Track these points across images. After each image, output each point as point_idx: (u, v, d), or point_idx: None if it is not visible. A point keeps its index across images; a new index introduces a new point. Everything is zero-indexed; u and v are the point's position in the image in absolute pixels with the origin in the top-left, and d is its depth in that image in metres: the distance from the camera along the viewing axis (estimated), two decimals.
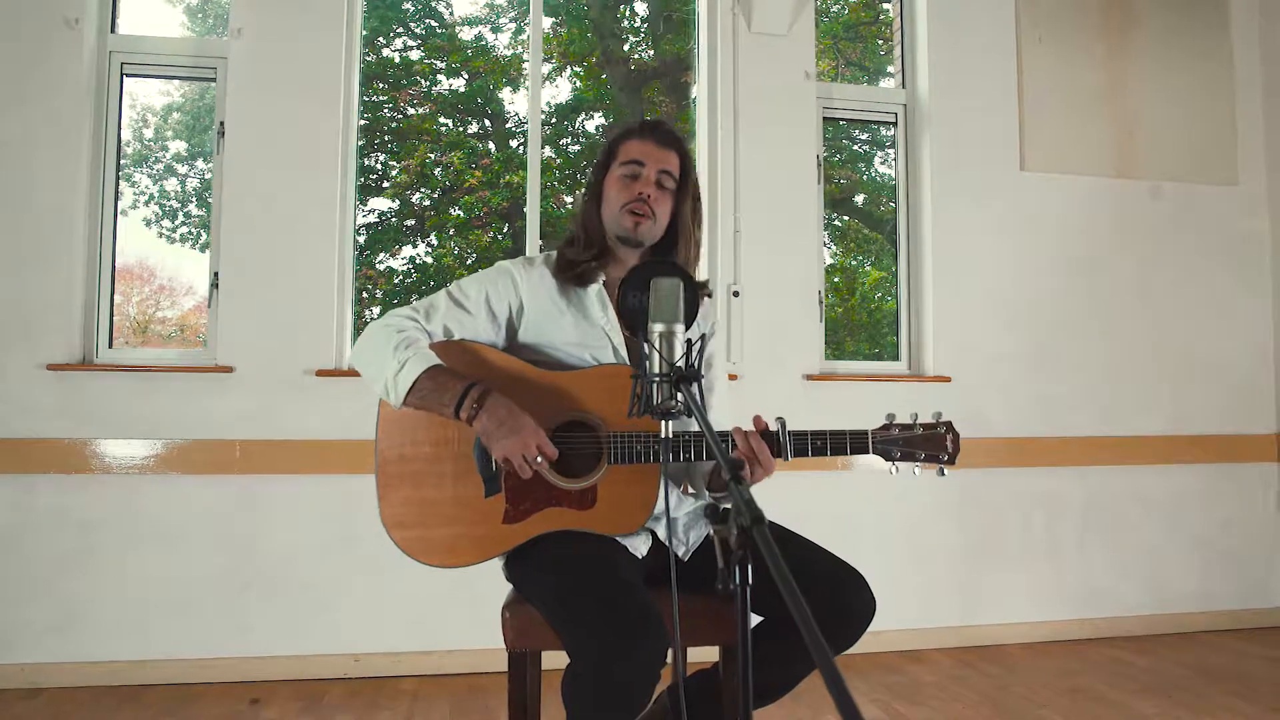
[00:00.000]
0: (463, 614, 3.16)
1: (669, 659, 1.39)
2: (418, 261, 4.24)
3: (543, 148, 3.77)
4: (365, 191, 4.04)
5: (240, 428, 3.24)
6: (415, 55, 4.26)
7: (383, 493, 1.67)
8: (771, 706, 1.79)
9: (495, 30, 4.41)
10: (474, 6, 4.39)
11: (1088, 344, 3.87)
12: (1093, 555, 3.81)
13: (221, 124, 3.38)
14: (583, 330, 1.76)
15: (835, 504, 3.59)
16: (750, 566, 0.88)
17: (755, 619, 1.72)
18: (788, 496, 3.43)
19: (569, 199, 4.33)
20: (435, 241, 4.29)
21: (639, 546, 1.70)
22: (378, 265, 4.18)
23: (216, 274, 3.35)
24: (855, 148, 4.71)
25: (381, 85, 4.23)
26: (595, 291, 1.80)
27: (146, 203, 3.75)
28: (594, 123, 4.55)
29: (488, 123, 4.45)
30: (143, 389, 3.24)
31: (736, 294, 3.63)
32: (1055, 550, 3.78)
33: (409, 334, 1.66)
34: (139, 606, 3.15)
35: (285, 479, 3.24)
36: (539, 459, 1.56)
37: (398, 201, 4.22)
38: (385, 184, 4.19)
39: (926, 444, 1.70)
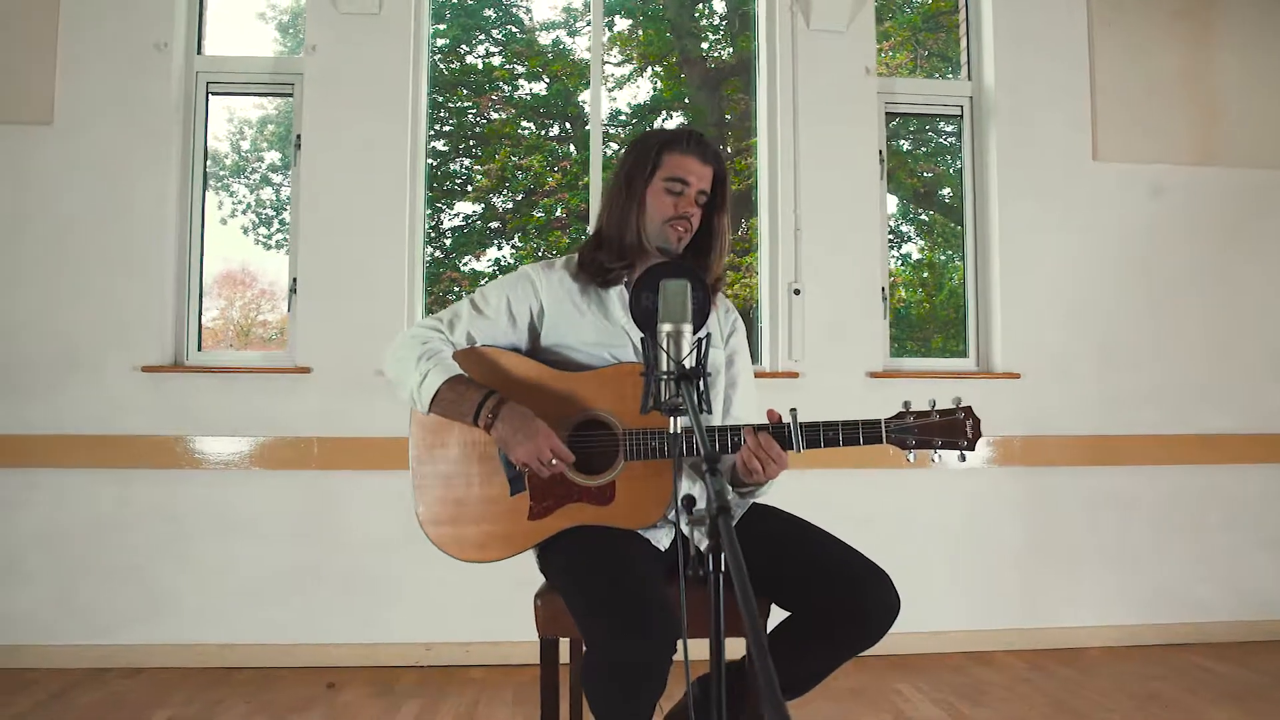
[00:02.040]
0: (529, 606, 3.24)
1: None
2: (502, 263, 4.34)
3: (604, 147, 3.84)
4: (450, 196, 4.18)
5: (317, 425, 3.41)
6: (497, 61, 4.37)
7: (418, 494, 1.76)
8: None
9: (572, 34, 4.49)
10: (551, 11, 4.47)
11: (1162, 339, 3.74)
12: (1169, 557, 3.67)
13: (299, 136, 3.55)
14: (603, 330, 1.80)
15: (897, 503, 3.57)
16: (727, 555, 0.91)
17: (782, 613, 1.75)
18: (846, 495, 3.48)
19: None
20: (519, 243, 4.40)
21: (661, 539, 1.75)
22: (462, 267, 4.30)
23: (295, 279, 3.52)
24: (941, 140, 4.64)
25: (465, 91, 4.34)
26: (617, 292, 1.85)
27: (244, 211, 3.97)
28: (673, 123, 4.58)
29: (568, 125, 4.54)
30: (228, 389, 3.43)
31: (797, 292, 3.63)
32: (1129, 551, 3.66)
33: (432, 345, 1.75)
34: (225, 594, 3.34)
35: (359, 474, 3.39)
36: (554, 461, 1.63)
37: (481, 205, 4.32)
38: (469, 188, 4.31)
39: (944, 430, 1.68)
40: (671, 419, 1.23)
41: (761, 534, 1.74)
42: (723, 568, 0.94)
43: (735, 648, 1.87)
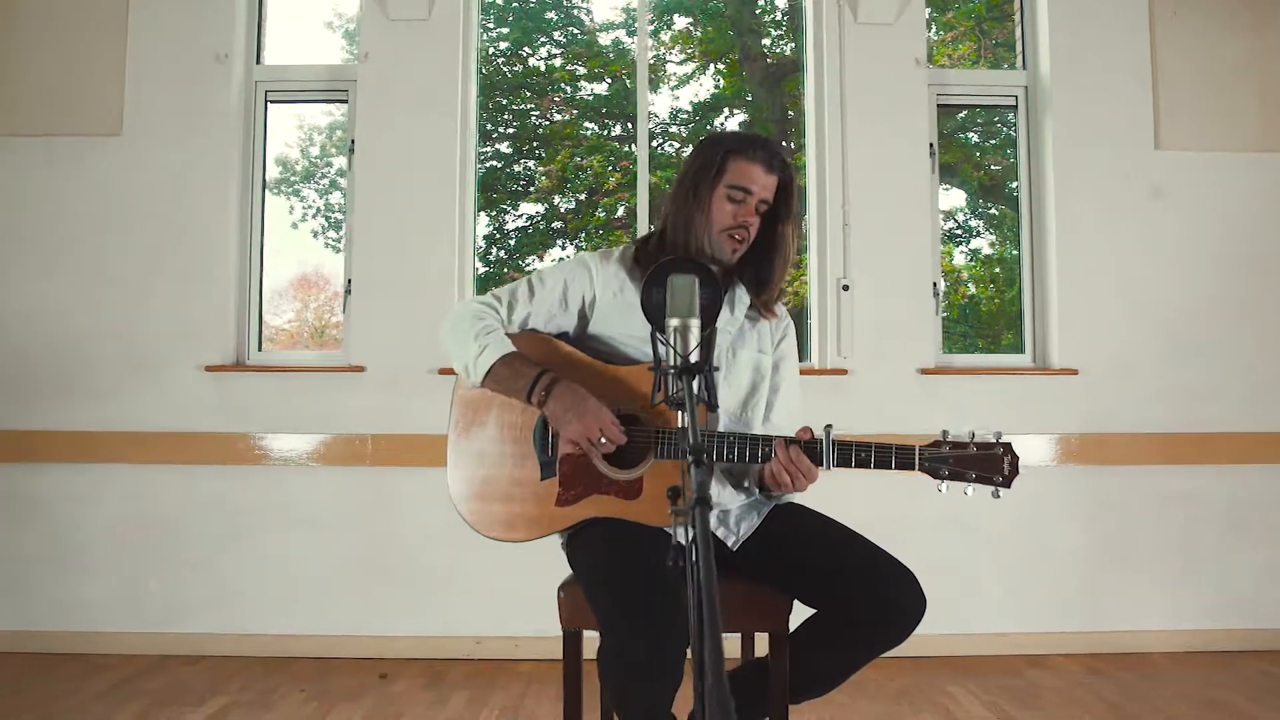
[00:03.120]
0: None
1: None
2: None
3: (657, 145, 3.85)
4: (515, 197, 4.24)
5: (371, 422, 3.49)
6: (558, 62, 4.41)
7: (452, 469, 1.80)
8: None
9: (631, 34, 4.50)
10: (611, 11, 4.49)
11: (1230, 332, 3.59)
12: (1239, 560, 3.52)
13: (353, 141, 3.65)
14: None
15: (948, 501, 3.48)
16: (698, 547, 0.90)
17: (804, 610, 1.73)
18: (894, 493, 3.41)
19: None
20: (581, 243, 4.42)
21: (685, 537, 1.74)
22: (525, 267, 4.35)
23: (349, 280, 3.62)
24: (1009, 131, 4.53)
25: (527, 94, 4.40)
26: None
27: (314, 215, 4.10)
28: (735, 120, 4.55)
29: (629, 125, 4.55)
30: (287, 387, 3.54)
31: (846, 288, 3.60)
32: (1195, 554, 3.53)
33: (488, 321, 1.77)
34: (284, 586, 3.45)
35: (412, 470, 3.45)
36: (603, 440, 1.64)
37: (544, 205, 4.37)
38: (531, 189, 4.36)
39: (980, 464, 1.63)
40: (679, 413, 1.23)
41: (788, 531, 1.74)
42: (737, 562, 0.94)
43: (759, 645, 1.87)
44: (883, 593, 1.62)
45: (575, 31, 4.49)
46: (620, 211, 4.33)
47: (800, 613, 1.75)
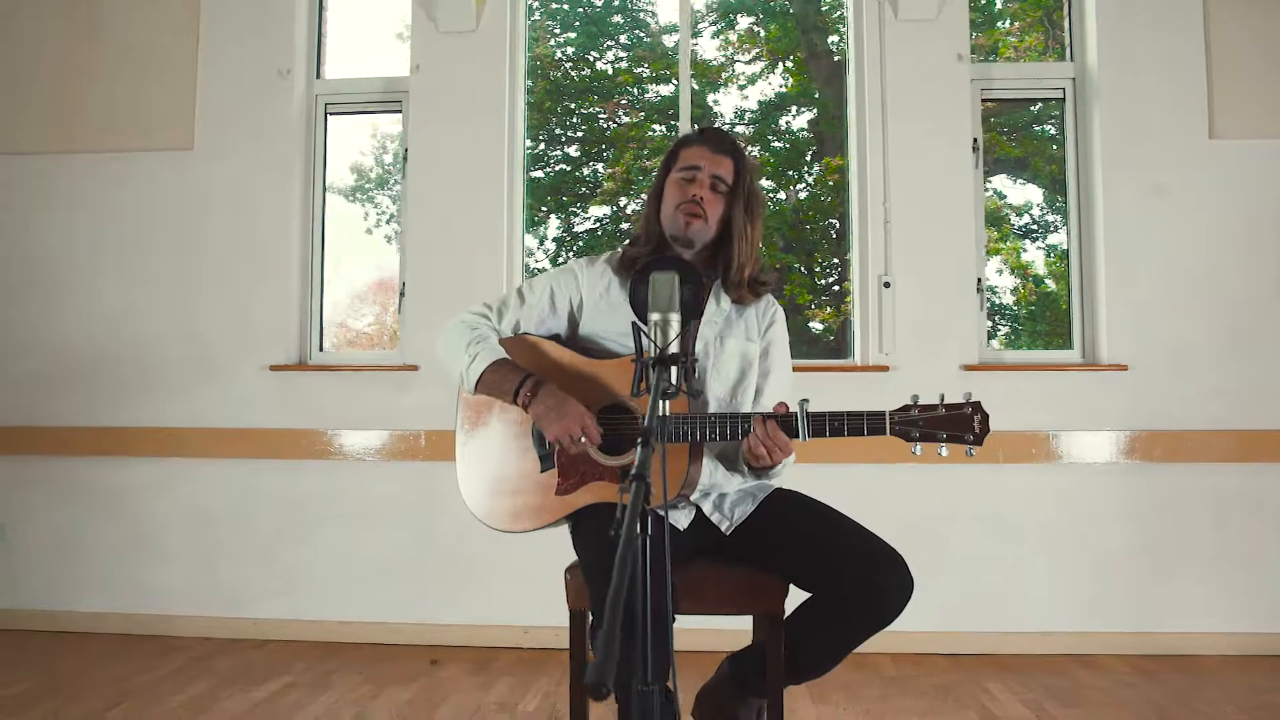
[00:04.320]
0: None
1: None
2: None
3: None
4: (583, 200, 4.36)
5: (425, 419, 3.64)
6: (624, 65, 4.47)
7: (460, 466, 1.92)
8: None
9: (695, 35, 4.53)
10: (675, 14, 4.53)
11: None
12: None
13: (405, 149, 3.81)
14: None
15: (994, 499, 3.48)
16: (652, 524, 0.98)
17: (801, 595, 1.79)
18: (939, 491, 3.43)
19: (782, 195, 4.43)
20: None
21: (680, 519, 1.83)
22: None
23: (404, 283, 3.78)
24: None
25: (594, 97, 4.50)
26: None
27: (387, 221, 4.29)
28: (802, 119, 4.56)
29: (694, 126, 4.59)
30: (346, 386, 3.72)
31: (887, 285, 3.60)
32: (1253, 555, 3.42)
33: (480, 331, 1.92)
34: (344, 575, 3.63)
35: None
36: (582, 439, 1.73)
37: (611, 208, 4.46)
38: (597, 191, 4.45)
39: (950, 424, 1.68)
40: (662, 403, 1.31)
41: (781, 517, 1.81)
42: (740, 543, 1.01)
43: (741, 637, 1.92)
44: (871, 575, 1.68)
45: (640, 35, 4.56)
46: None
47: (797, 597, 1.81)
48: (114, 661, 3.30)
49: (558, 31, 4.46)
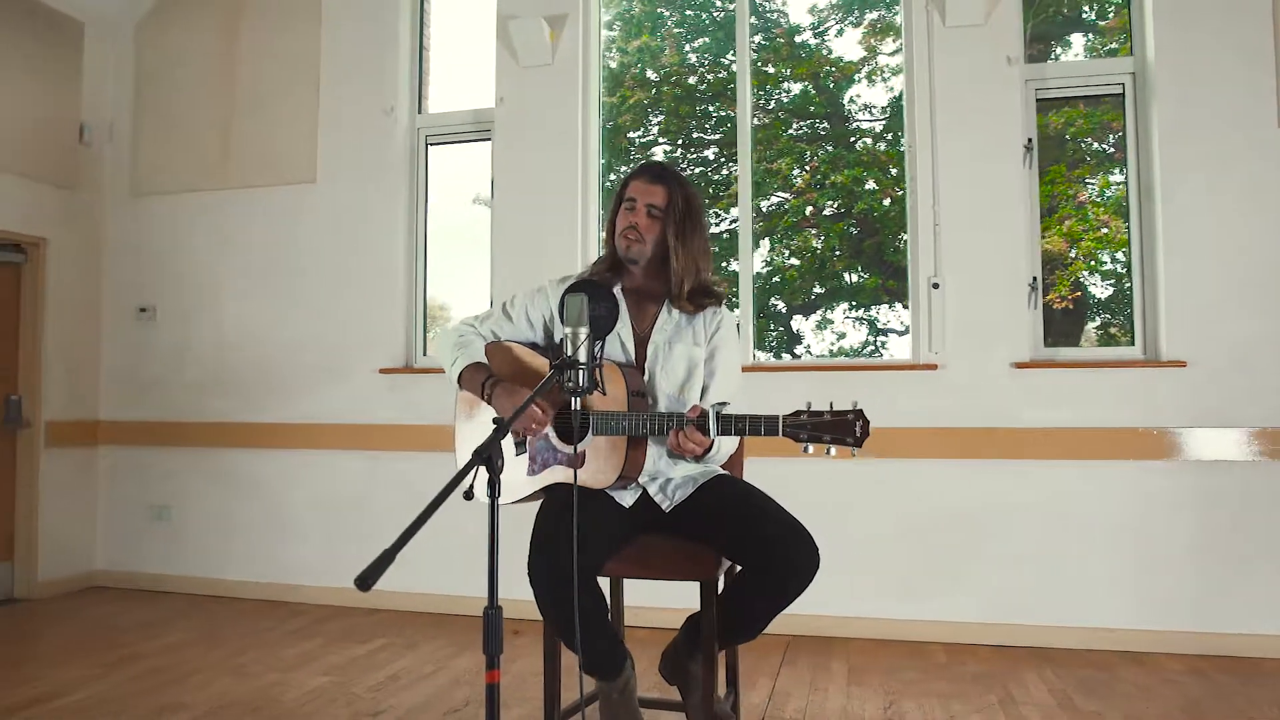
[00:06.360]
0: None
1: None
2: (776, 262, 4.66)
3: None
4: (718, 202, 4.62)
5: None
6: (756, 65, 4.51)
7: (458, 448, 2.28)
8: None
9: (818, 35, 4.63)
10: (807, 14, 4.66)
11: None
12: None
13: (493, 177, 4.25)
14: None
15: (1052, 495, 3.53)
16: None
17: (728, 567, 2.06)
18: (1000, 485, 3.51)
19: (901, 192, 4.49)
20: (770, 244, 4.65)
21: (625, 498, 2.15)
22: (724, 269, 4.57)
23: (493, 300, 4.21)
24: None
25: (728, 99, 4.56)
26: None
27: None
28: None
29: (824, 124, 4.69)
30: (444, 386, 4.16)
31: (936, 286, 3.71)
32: None
33: (466, 338, 2.26)
34: (452, 553, 4.05)
35: None
36: (533, 425, 2.06)
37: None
38: (723, 193, 4.64)
39: (834, 428, 1.86)
40: (573, 399, 1.70)
41: (714, 498, 2.10)
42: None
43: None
44: (782, 552, 1.94)
45: (774, 35, 4.67)
46: (808, 211, 4.53)
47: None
48: (249, 620, 3.95)
49: (688, 38, 4.71)
